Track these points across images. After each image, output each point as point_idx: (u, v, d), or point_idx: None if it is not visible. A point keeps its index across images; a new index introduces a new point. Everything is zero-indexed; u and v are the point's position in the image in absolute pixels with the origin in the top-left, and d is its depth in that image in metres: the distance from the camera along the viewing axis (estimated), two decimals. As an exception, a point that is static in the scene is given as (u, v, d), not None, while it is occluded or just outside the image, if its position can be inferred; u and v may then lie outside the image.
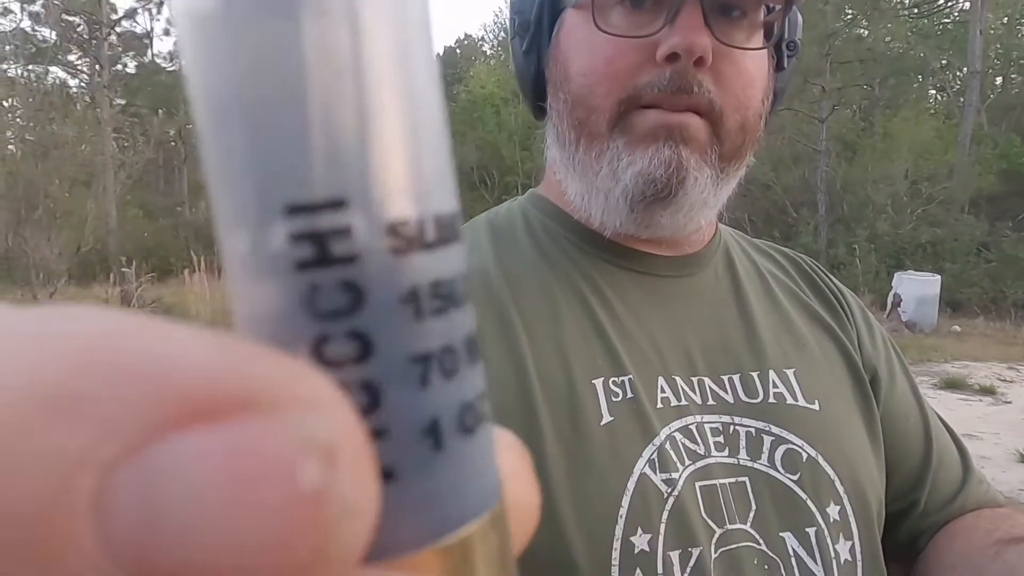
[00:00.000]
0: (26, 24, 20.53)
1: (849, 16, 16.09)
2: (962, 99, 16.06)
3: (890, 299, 9.34)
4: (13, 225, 11.08)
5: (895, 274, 9.96)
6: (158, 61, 23.04)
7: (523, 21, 0.54)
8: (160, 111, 20.85)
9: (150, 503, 0.07)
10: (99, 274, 11.48)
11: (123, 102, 20.80)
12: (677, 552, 0.43)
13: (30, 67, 20.42)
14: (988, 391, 5.67)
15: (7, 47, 19.53)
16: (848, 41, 15.66)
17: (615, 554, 0.42)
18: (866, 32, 16.46)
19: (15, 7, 20.11)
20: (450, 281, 0.10)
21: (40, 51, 20.40)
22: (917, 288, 9.23)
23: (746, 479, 0.46)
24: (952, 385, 5.78)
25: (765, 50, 0.51)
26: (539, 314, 0.49)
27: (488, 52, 38.01)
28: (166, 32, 24.66)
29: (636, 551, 0.42)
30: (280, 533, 0.07)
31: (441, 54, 40.85)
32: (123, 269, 9.63)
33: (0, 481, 0.07)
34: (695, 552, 0.43)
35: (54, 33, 21.48)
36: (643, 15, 0.47)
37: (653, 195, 0.48)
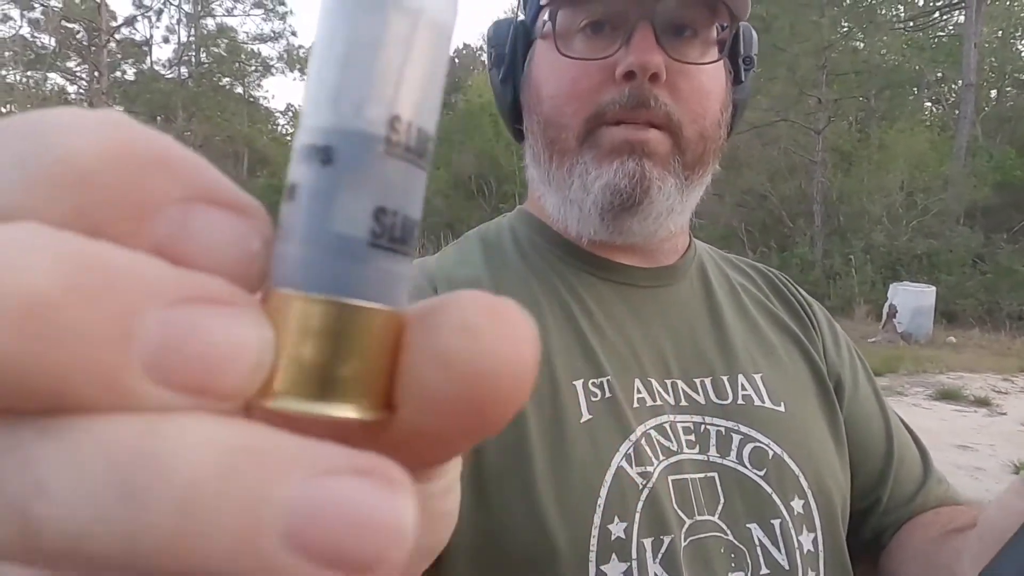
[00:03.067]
0: (25, 31, 20.57)
1: (845, 29, 16.22)
2: (957, 111, 16.17)
3: (886, 310, 9.35)
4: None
5: (891, 285, 9.98)
6: (157, 68, 23.08)
7: (499, 54, 0.59)
8: (158, 118, 20.88)
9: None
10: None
11: (121, 109, 20.80)
12: (650, 539, 0.46)
13: (29, 73, 20.45)
14: (983, 402, 5.67)
15: (6, 53, 19.56)
16: (844, 53, 15.77)
17: (593, 540, 0.45)
18: (862, 44, 16.58)
19: (15, 13, 20.15)
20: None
21: (39, 57, 20.43)
22: (913, 299, 9.25)
23: (715, 474, 0.49)
24: (947, 396, 5.78)
25: (721, 64, 0.54)
26: None
27: (486, 62, 38.16)
28: (165, 40, 24.76)
29: (613, 537, 0.45)
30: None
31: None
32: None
33: None
34: (667, 540, 0.46)
35: (53, 40, 21.51)
36: (602, 39, 0.51)
37: (620, 204, 0.51)
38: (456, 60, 38.98)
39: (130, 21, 22.28)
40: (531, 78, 0.56)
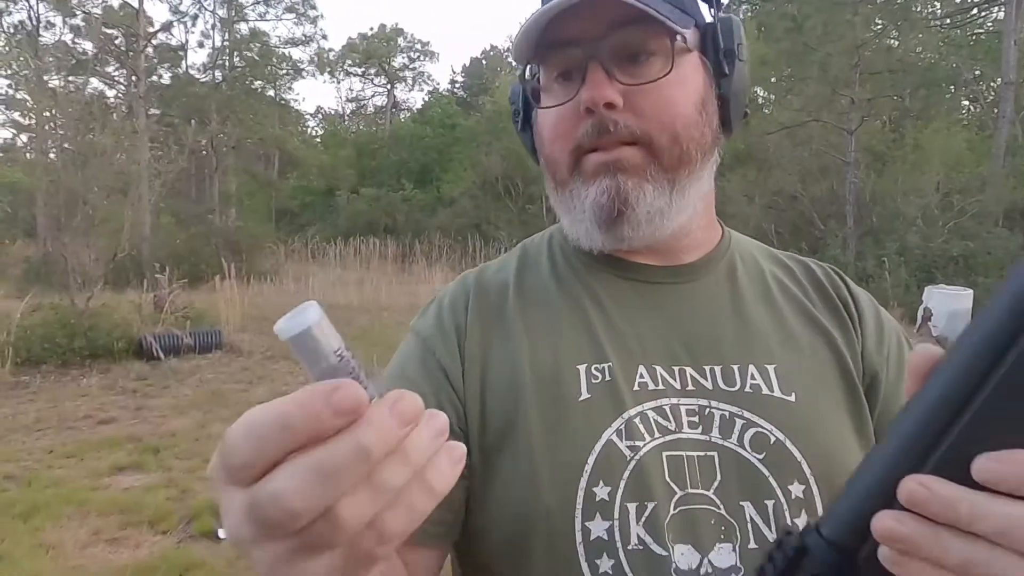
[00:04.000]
0: (67, 37, 21.13)
1: (879, 27, 15.91)
2: (996, 110, 15.75)
3: (920, 313, 9.17)
4: (53, 231, 11.36)
5: (926, 288, 9.78)
6: (192, 72, 23.56)
7: (514, 109, 0.70)
8: (192, 121, 21.29)
9: None
10: (132, 280, 11.73)
11: (158, 112, 21.25)
12: (634, 504, 0.52)
13: (70, 78, 20.99)
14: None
15: (49, 59, 20.11)
16: (878, 52, 15.46)
17: (579, 499, 0.52)
18: (896, 43, 16.24)
19: (57, 20, 20.71)
20: None
21: (80, 63, 20.97)
22: (948, 302, 9.06)
23: (715, 454, 0.54)
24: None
25: (689, 69, 0.59)
26: (540, 319, 0.62)
27: (513, 63, 38.12)
28: (200, 44, 25.25)
29: (597, 499, 0.52)
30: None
31: (467, 65, 41.20)
32: (156, 275, 9.82)
33: None
34: (650, 506, 0.52)
35: (93, 45, 22.05)
36: (571, 84, 0.59)
37: (607, 217, 0.59)
38: (483, 62, 39.01)
39: (166, 27, 22.78)
40: (536, 127, 0.66)
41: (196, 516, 3.63)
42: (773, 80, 19.40)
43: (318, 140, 32.74)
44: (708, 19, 0.61)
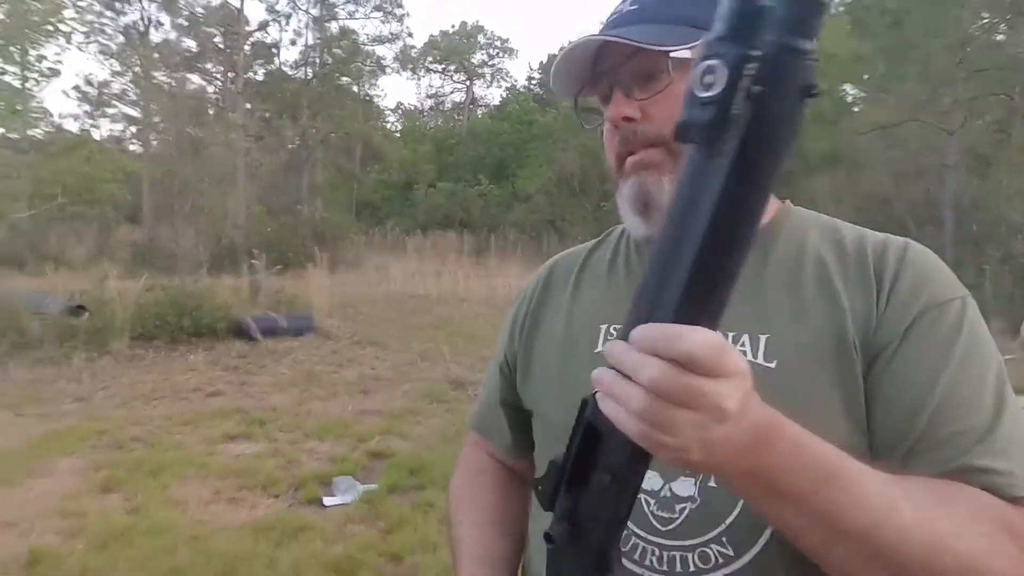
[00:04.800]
0: (172, 36, 22.50)
1: (986, 21, 14.99)
2: (1118, 111, 14.58)
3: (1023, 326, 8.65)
4: (159, 217, 12.19)
5: (1032, 299, 9.20)
6: (284, 69, 24.65)
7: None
8: (284, 115, 22.29)
9: None
10: (228, 265, 12.44)
11: (248, 106, 22.31)
12: None
13: (174, 75, 22.35)
14: None
15: (155, 56, 21.49)
16: (984, 48, 14.58)
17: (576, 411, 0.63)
18: (1005, 38, 15.26)
19: (165, 20, 22.08)
20: None
21: (183, 60, 22.30)
22: (1057, 315, 8.49)
23: None
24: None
25: (682, 79, 0.67)
26: (589, 291, 0.81)
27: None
28: (292, 42, 26.37)
29: None
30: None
31: (544, 61, 41.23)
32: (252, 261, 10.40)
33: None
34: None
35: (196, 44, 23.37)
36: (608, 106, 0.73)
37: (638, 208, 0.72)
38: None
39: (263, 25, 23.91)
40: None
41: (303, 484, 3.90)
42: (866, 77, 18.59)
43: (398, 135, 33.59)
44: None
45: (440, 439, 4.82)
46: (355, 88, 25.60)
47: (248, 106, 20.74)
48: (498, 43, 37.34)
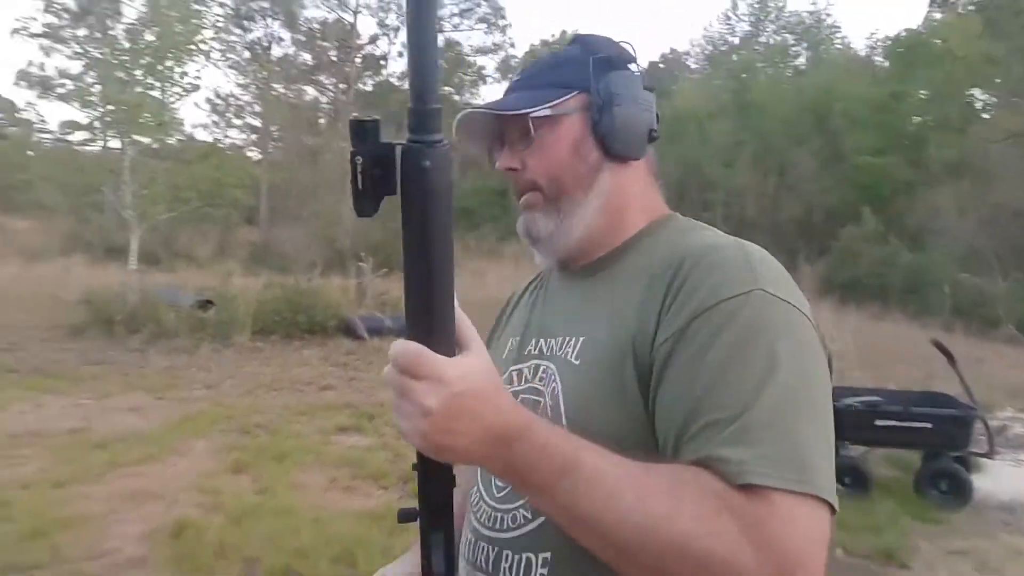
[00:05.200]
0: (291, 50, 23.98)
1: None
2: None
3: None
4: (280, 220, 13.01)
5: None
6: (391, 80, 25.71)
7: None
8: (391, 125, 23.17)
9: None
10: (336, 267, 13.11)
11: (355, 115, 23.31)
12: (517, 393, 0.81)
13: (292, 87, 23.82)
14: None
15: (276, 69, 22.98)
16: None
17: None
18: None
19: (285, 35, 23.58)
20: None
21: (301, 73, 23.74)
22: None
23: (533, 395, 0.80)
24: None
25: (564, 126, 0.80)
26: (516, 311, 0.96)
27: (693, 66, 37.13)
28: (400, 54, 27.46)
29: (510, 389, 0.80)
30: None
31: (643, 69, 40.33)
32: (360, 264, 10.91)
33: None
34: (518, 394, 0.81)
35: (312, 57, 24.78)
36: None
37: (530, 241, 0.84)
38: (661, 65, 38.41)
39: (373, 39, 25.09)
40: None
41: (411, 478, 4.09)
42: (998, 81, 17.19)
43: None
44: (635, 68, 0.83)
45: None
46: (456, 97, 26.32)
47: (353, 115, 21.71)
48: (598, 51, 37.14)
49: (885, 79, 21.75)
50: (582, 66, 0.80)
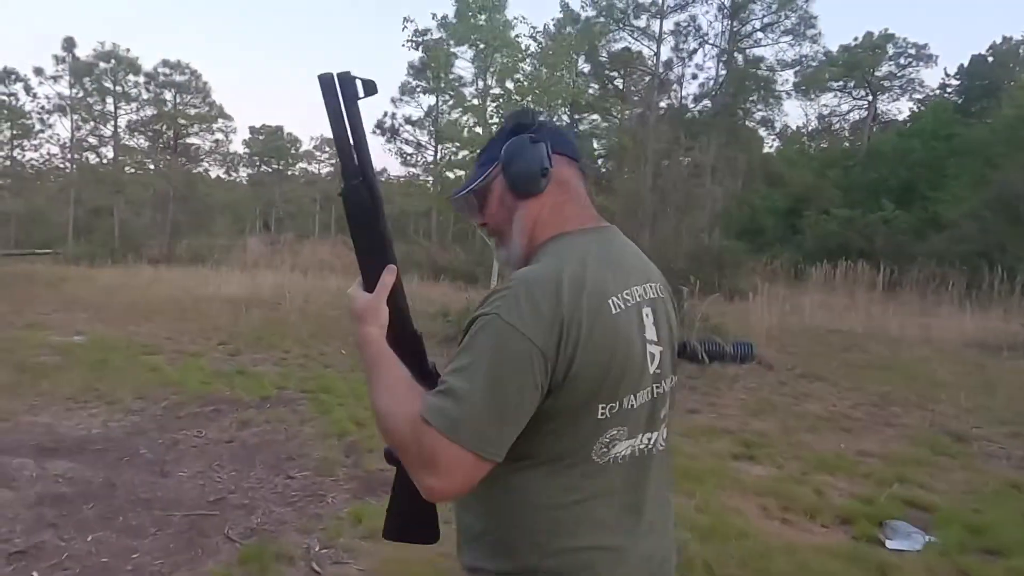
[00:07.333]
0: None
1: None
2: None
3: None
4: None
5: None
6: (685, 103, 25.74)
7: None
8: (683, 145, 23.15)
9: None
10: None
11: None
12: None
13: (579, 115, 25.00)
14: None
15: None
16: None
17: None
18: None
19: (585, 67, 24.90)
20: None
21: (593, 101, 24.85)
22: None
23: None
24: None
25: (492, 188, 1.17)
26: None
27: (1040, 56, 31.03)
28: (693, 76, 27.44)
29: None
30: None
31: (964, 65, 34.91)
32: (680, 286, 10.95)
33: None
34: None
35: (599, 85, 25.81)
36: None
37: (500, 265, 1.45)
38: (990, 59, 32.68)
39: (668, 65, 25.43)
40: None
41: (851, 519, 3.93)
42: None
43: (787, 158, 32.12)
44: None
45: (973, 498, 4.39)
46: (756, 114, 25.41)
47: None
48: (912, 50, 33.04)
49: None
50: (497, 142, 1.16)
